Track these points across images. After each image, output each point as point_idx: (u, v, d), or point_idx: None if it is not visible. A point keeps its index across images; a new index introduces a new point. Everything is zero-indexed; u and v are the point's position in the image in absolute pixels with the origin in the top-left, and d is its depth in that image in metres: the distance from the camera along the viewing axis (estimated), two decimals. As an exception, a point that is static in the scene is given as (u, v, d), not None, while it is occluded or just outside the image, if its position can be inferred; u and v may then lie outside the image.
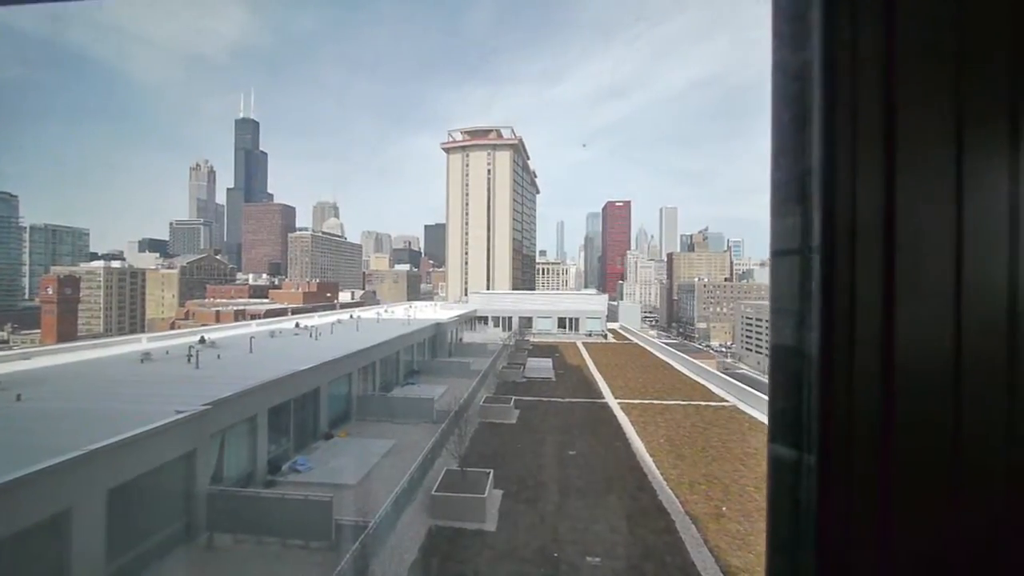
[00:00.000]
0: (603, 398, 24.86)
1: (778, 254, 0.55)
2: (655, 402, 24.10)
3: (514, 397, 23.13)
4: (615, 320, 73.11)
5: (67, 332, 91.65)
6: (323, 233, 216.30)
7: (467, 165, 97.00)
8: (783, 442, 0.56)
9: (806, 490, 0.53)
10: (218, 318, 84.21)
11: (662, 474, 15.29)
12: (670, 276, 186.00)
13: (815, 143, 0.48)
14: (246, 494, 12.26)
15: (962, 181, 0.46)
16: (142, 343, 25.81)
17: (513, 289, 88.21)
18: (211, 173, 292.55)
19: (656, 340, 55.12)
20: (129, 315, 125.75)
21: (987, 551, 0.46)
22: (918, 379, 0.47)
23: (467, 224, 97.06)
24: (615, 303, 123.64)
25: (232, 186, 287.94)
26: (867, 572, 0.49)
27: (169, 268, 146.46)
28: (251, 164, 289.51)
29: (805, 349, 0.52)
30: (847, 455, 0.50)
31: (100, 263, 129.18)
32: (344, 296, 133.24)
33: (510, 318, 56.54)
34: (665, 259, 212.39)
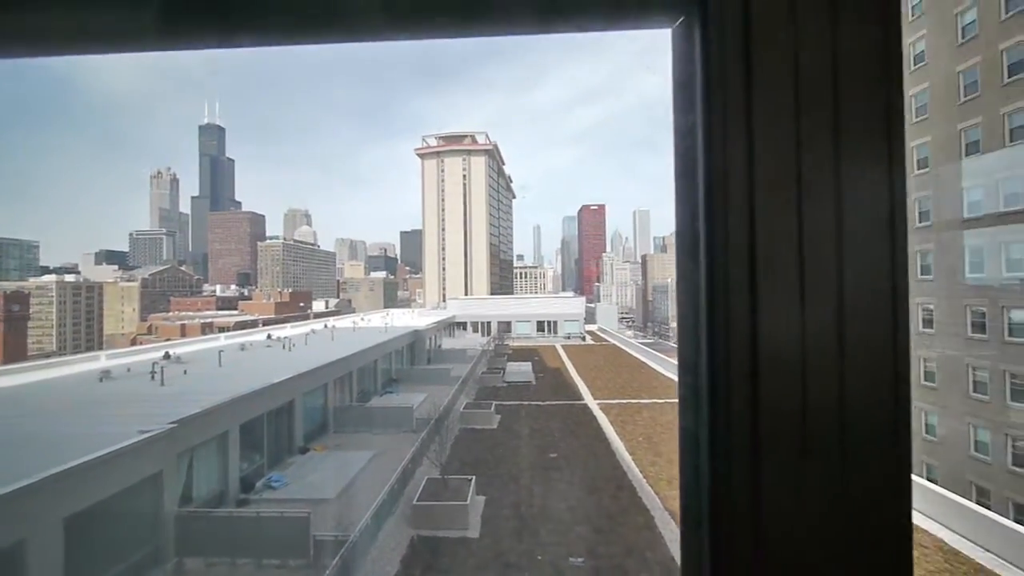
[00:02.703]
0: (582, 400, 25.13)
1: (679, 278, 0.70)
2: (633, 401, 24.53)
3: (495, 402, 23.08)
4: (593, 322, 74.02)
5: (15, 351, 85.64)
6: (295, 241, 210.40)
7: (442, 171, 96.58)
8: (687, 425, 0.69)
9: (705, 466, 0.65)
10: (184, 332, 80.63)
11: (641, 472, 15.58)
12: (645, 277, 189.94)
13: (700, 186, 0.63)
14: (217, 515, 11.77)
15: (803, 209, 0.60)
16: (100, 361, 24.44)
17: (491, 294, 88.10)
18: (174, 181, 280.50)
19: (633, 340, 56.11)
20: (85, 331, 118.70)
21: (836, 506, 0.59)
22: (778, 368, 0.60)
23: (444, 230, 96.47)
24: (592, 305, 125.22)
25: (197, 194, 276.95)
26: (745, 536, 0.61)
27: (129, 281, 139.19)
28: (217, 171, 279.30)
29: (700, 347, 0.65)
30: (728, 436, 0.61)
31: (52, 277, 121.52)
32: (318, 305, 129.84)
33: (489, 323, 56.41)
34: (640, 261, 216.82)
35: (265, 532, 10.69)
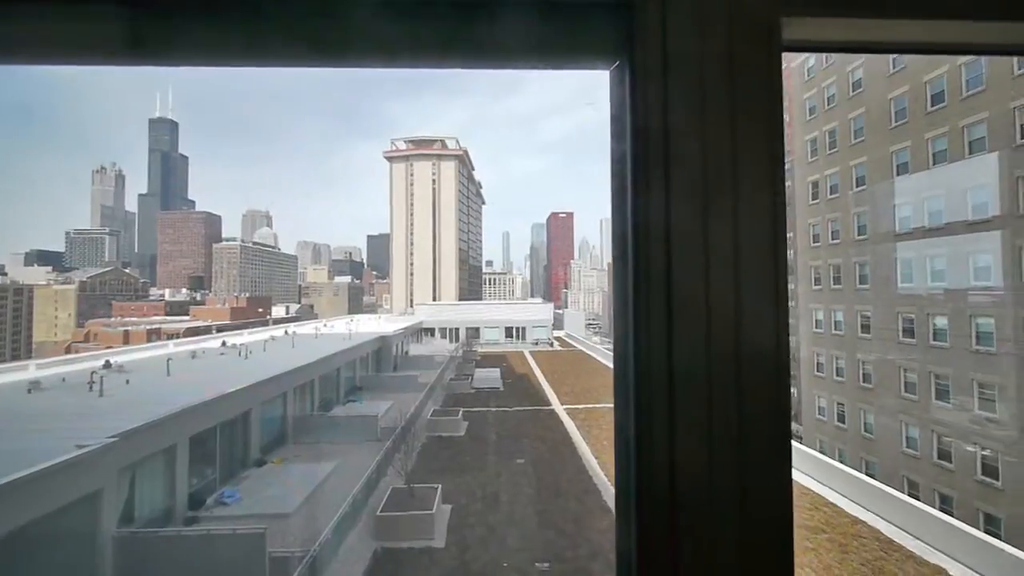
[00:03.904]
0: (550, 405, 25.36)
1: (615, 276, 0.83)
2: (599, 406, 24.98)
3: (462, 409, 22.90)
4: (561, 328, 74.86)
5: (-75, 362, 76.79)
6: (254, 243, 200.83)
7: (411, 175, 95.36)
8: (620, 410, 0.81)
9: (633, 454, 0.76)
10: (127, 339, 75.05)
11: (606, 476, 15.88)
12: (611, 284, 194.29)
13: (628, 200, 0.77)
14: (163, 535, 11.03)
15: (708, 222, 0.73)
16: (29, 371, 22.35)
17: (460, 300, 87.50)
18: (119, 177, 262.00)
19: (599, 346, 57.14)
20: (11, 338, 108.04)
21: (734, 474, 0.72)
22: (691, 366, 0.73)
23: (412, 234, 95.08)
24: (560, 311, 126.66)
25: (145, 192, 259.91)
26: (664, 511, 0.73)
27: (65, 284, 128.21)
28: (168, 168, 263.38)
29: (627, 339, 0.78)
30: (650, 422, 0.73)
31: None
32: (278, 311, 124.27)
33: (457, 329, 55.99)
34: (606, 268, 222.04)
35: (216, 551, 10.10)
